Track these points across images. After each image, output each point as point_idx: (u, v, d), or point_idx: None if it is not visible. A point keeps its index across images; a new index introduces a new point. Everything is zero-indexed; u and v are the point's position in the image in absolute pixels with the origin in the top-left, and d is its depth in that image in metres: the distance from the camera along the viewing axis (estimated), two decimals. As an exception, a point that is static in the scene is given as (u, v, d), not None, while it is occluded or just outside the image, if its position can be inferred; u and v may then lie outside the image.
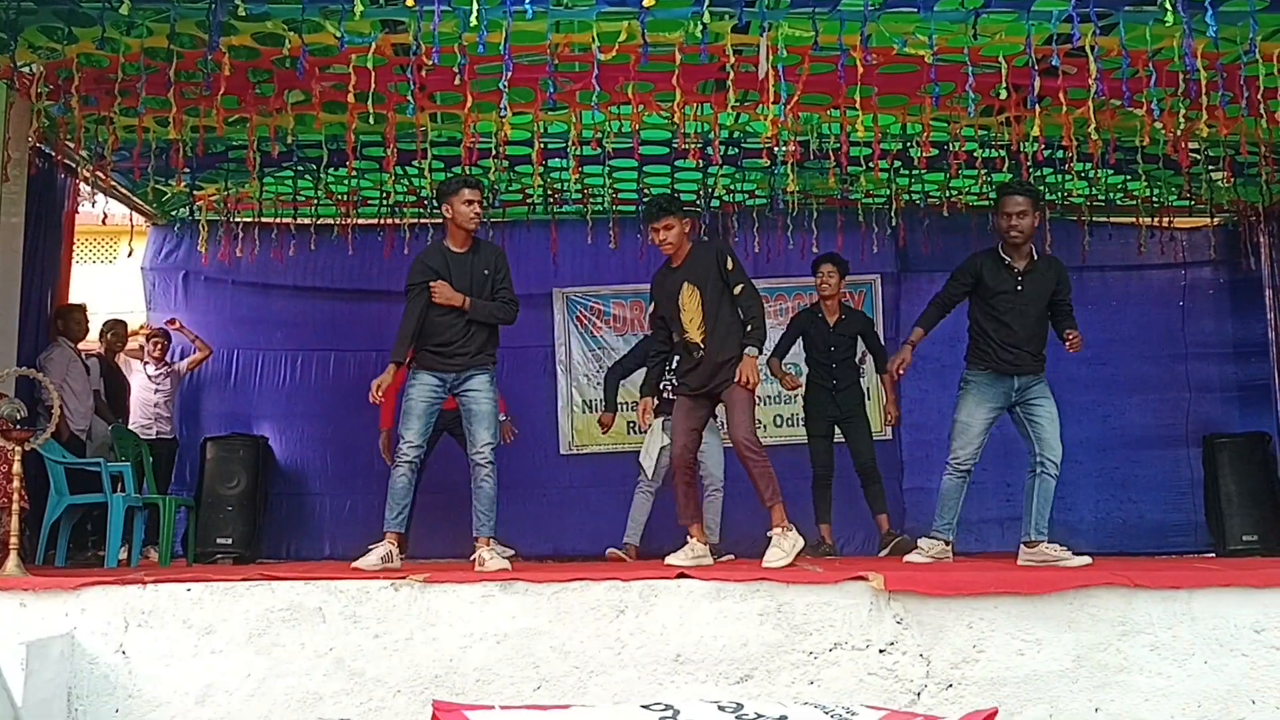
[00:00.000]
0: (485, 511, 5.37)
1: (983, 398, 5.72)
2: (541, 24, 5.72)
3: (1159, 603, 3.94)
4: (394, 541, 5.27)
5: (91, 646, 3.95)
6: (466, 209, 5.49)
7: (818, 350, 7.38)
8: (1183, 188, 8.79)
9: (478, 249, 5.63)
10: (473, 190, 5.54)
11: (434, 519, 7.71)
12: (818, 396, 7.37)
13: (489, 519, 5.37)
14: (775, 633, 3.94)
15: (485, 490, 5.39)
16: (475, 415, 5.43)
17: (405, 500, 5.39)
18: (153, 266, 9.45)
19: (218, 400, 9.30)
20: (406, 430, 5.38)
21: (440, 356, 5.45)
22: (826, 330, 7.36)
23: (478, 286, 5.52)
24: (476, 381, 5.46)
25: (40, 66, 6.34)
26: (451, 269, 5.50)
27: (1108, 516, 9.01)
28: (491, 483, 5.40)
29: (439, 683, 3.91)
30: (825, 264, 7.37)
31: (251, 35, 6.10)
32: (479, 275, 5.53)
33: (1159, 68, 5.99)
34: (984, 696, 3.80)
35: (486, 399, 5.45)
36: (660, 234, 5.47)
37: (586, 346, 9.46)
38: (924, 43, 5.81)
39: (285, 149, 7.29)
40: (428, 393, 5.43)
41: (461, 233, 5.56)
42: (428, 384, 5.43)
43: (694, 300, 5.44)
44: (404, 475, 5.37)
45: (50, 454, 6.40)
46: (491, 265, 5.59)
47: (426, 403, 5.42)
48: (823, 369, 7.35)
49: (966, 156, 7.57)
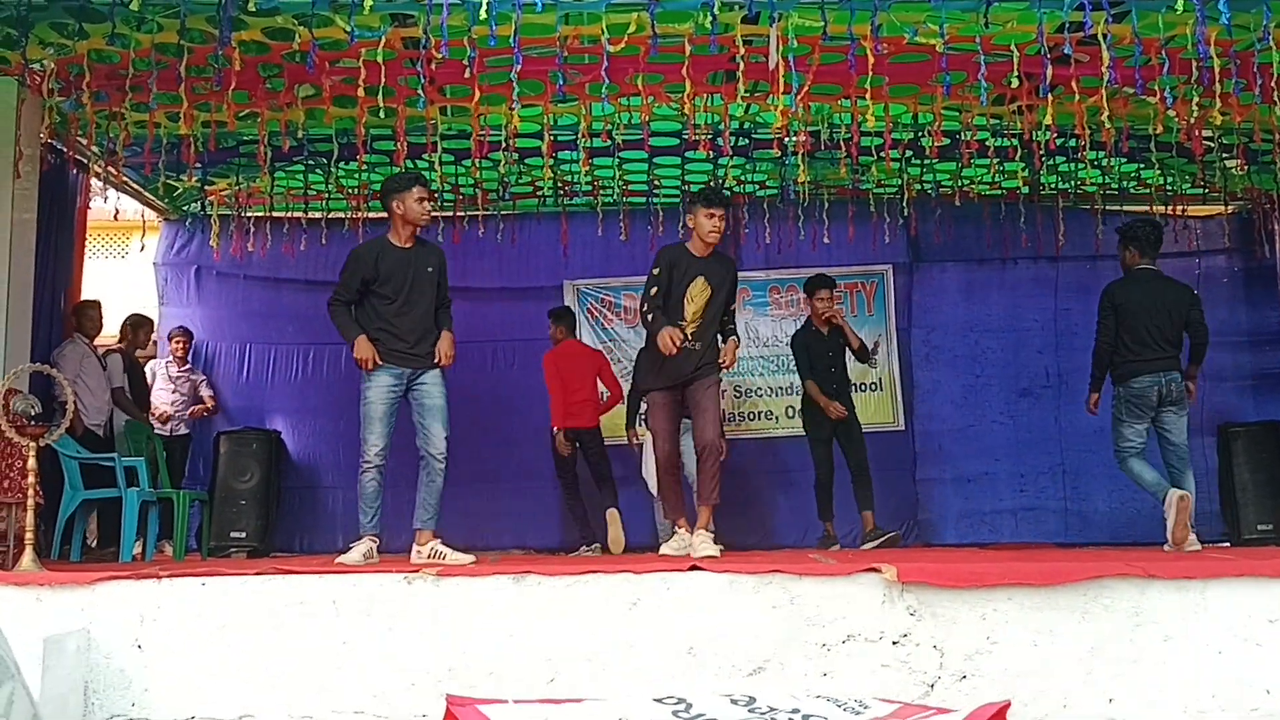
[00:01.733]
0: (434, 504, 5.42)
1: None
2: (551, 16, 5.72)
3: (1173, 593, 3.92)
4: (374, 540, 5.37)
5: (107, 641, 3.96)
6: (419, 206, 5.53)
7: (820, 361, 7.58)
8: (1196, 176, 8.74)
9: (422, 246, 5.66)
10: (423, 188, 5.58)
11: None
12: (817, 404, 7.51)
13: (435, 511, 5.42)
14: (787, 625, 3.93)
15: (437, 485, 5.43)
16: (429, 410, 5.45)
17: (377, 502, 5.43)
18: (165, 261, 9.48)
19: (230, 394, 9.33)
20: (370, 433, 5.40)
21: (398, 353, 5.46)
22: (823, 341, 7.59)
23: (420, 283, 5.53)
24: (430, 376, 5.49)
25: (51, 63, 6.35)
26: (392, 261, 5.51)
27: (1121, 506, 8.96)
28: (443, 479, 5.44)
29: (452, 675, 3.91)
30: (821, 289, 7.62)
31: (262, 30, 6.10)
32: (422, 271, 5.54)
33: (1172, 55, 5.96)
34: (997, 688, 3.79)
35: (440, 393, 5.48)
36: (717, 220, 5.55)
37: (598, 339, 9.45)
38: (935, 32, 5.78)
39: (296, 143, 7.31)
40: (385, 393, 5.43)
41: (408, 229, 5.58)
42: (384, 384, 5.44)
43: (703, 296, 5.57)
44: (373, 479, 5.40)
45: (65, 449, 6.43)
46: (436, 264, 5.62)
47: (386, 404, 5.44)
48: (825, 381, 7.53)
49: (979, 146, 7.55)
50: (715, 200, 5.63)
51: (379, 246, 5.63)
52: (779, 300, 9.36)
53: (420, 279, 5.55)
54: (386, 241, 5.64)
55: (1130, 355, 6.33)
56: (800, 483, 8.24)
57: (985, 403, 9.10)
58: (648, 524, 8.19)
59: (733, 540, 6.88)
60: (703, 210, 5.58)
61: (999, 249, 9.06)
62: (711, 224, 5.55)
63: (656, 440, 5.68)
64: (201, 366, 9.24)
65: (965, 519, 8.98)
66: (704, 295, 5.57)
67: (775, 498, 9.05)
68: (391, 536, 5.92)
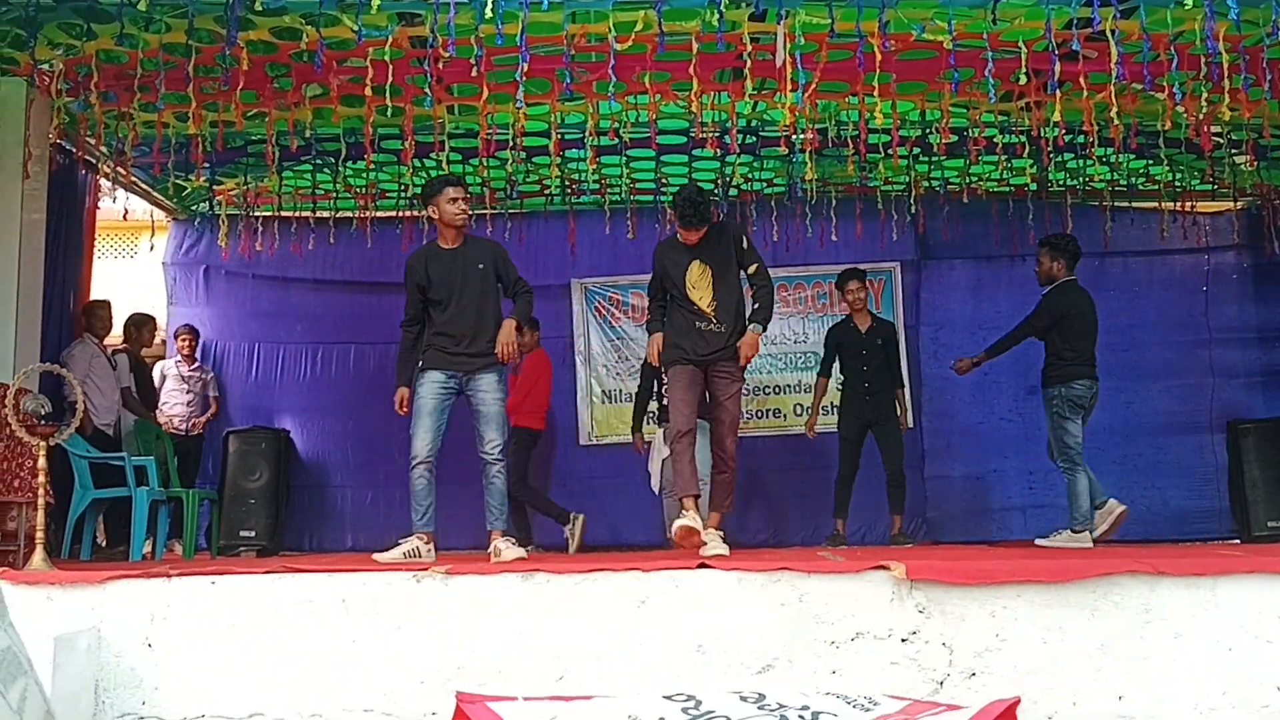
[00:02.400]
0: (498, 506, 5.40)
1: None
2: (558, 15, 5.72)
3: (1183, 590, 3.91)
4: (425, 539, 5.30)
5: (118, 639, 3.98)
6: (452, 207, 5.50)
7: (853, 358, 7.57)
8: (1205, 172, 8.72)
9: (469, 244, 5.63)
10: (456, 188, 5.55)
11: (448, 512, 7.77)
12: (852, 402, 7.55)
13: (502, 513, 5.40)
14: (796, 622, 3.93)
15: (497, 486, 5.41)
16: (483, 416, 5.44)
17: (429, 500, 5.38)
18: (174, 261, 9.50)
19: (239, 394, 9.34)
20: (418, 429, 5.38)
21: (448, 355, 5.46)
22: (859, 338, 7.55)
23: (471, 281, 5.50)
24: (485, 381, 5.45)
25: (60, 63, 6.37)
26: (441, 265, 5.51)
27: (1131, 503, 8.86)
28: (503, 479, 5.43)
29: (461, 673, 3.92)
30: (851, 280, 7.59)
31: (269, 30, 6.11)
32: (471, 270, 5.51)
33: (1180, 51, 5.94)
34: (1007, 685, 3.79)
35: (495, 399, 5.45)
36: (693, 236, 5.54)
37: (606, 337, 9.46)
38: (943, 28, 5.78)
39: (304, 143, 7.33)
40: (437, 389, 5.43)
41: (451, 230, 5.56)
42: (437, 381, 5.44)
43: (705, 278, 5.53)
44: (422, 476, 5.37)
45: (75, 449, 6.45)
46: (489, 260, 5.58)
47: (436, 399, 5.42)
48: (857, 376, 7.53)
49: (986, 142, 7.54)
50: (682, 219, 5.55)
51: (428, 253, 5.63)
52: (787, 298, 9.33)
53: (470, 278, 5.51)
54: (434, 246, 5.64)
55: (1076, 360, 6.64)
56: (809, 481, 8.24)
57: (994, 400, 9.08)
58: (656, 523, 8.17)
59: (741, 538, 6.89)
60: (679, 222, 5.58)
61: (1007, 246, 9.04)
62: (685, 234, 5.56)
63: (674, 409, 5.55)
64: (211, 366, 9.26)
65: (974, 516, 8.96)
66: (705, 276, 5.53)
67: (784, 495, 9.04)
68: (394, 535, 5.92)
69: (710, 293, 5.52)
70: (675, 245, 5.66)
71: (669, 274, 5.61)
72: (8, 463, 5.39)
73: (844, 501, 7.49)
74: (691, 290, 5.53)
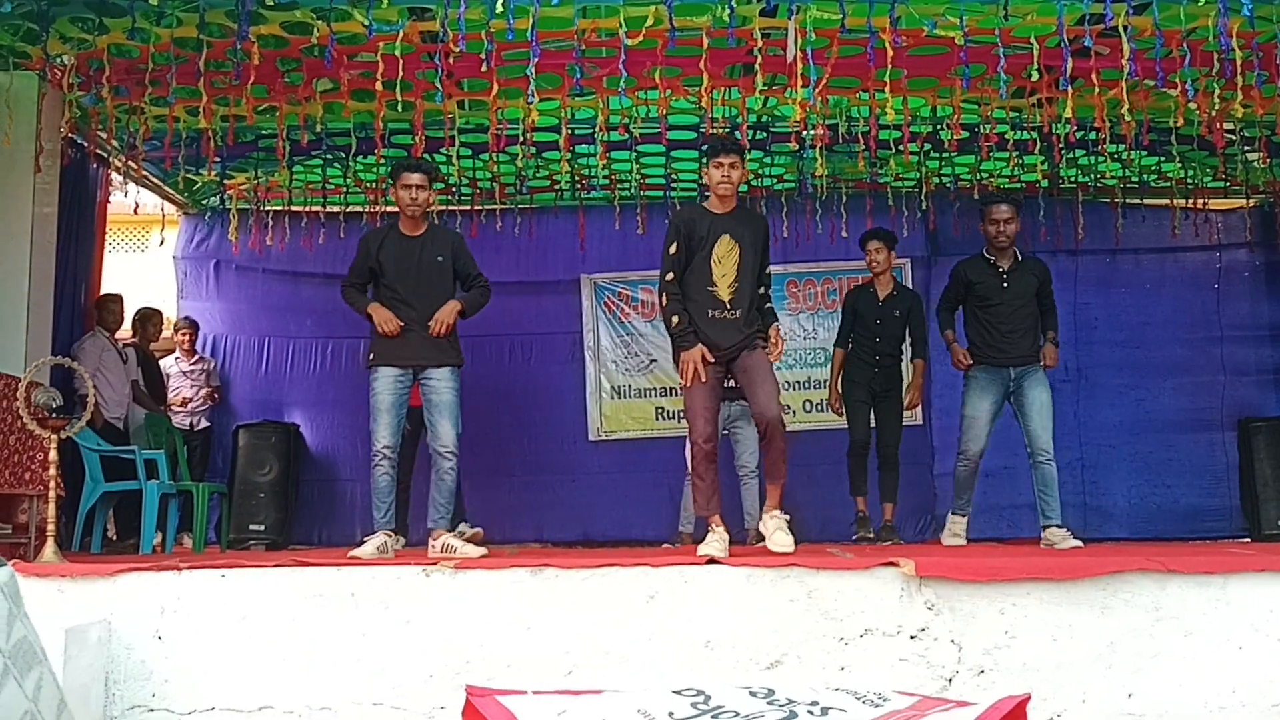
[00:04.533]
0: (445, 504, 5.29)
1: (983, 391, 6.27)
2: (568, 10, 5.72)
3: (1193, 588, 3.90)
4: (391, 535, 5.26)
5: (128, 632, 3.99)
6: (404, 194, 5.39)
7: (864, 324, 7.19)
8: (1218, 169, 8.68)
9: (431, 234, 5.53)
10: (416, 174, 5.40)
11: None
12: (859, 370, 7.19)
13: (447, 511, 5.30)
14: (805, 618, 3.93)
15: (447, 483, 5.29)
16: (436, 406, 5.31)
17: (390, 497, 5.30)
18: (184, 255, 9.53)
19: (249, 388, 9.37)
20: (378, 426, 5.28)
21: (399, 347, 5.33)
22: (875, 304, 7.18)
23: (426, 272, 5.40)
24: (438, 372, 5.34)
25: (71, 57, 6.39)
26: (397, 251, 5.40)
27: (1142, 501, 8.93)
28: (454, 476, 5.30)
29: (470, 668, 3.93)
30: (871, 240, 7.23)
31: (280, 24, 6.12)
32: (428, 261, 5.41)
33: (1193, 47, 5.91)
34: (1016, 682, 3.78)
35: (448, 389, 5.33)
36: (727, 170, 4.95)
37: (615, 333, 9.46)
38: (954, 24, 5.76)
39: (314, 137, 7.32)
40: (391, 384, 5.32)
41: (408, 219, 5.46)
42: (390, 375, 5.32)
43: (732, 256, 4.99)
44: (385, 473, 5.27)
45: (85, 442, 6.47)
46: (448, 252, 5.47)
47: (393, 394, 5.32)
48: (867, 344, 7.17)
49: (998, 139, 7.51)
50: (721, 148, 5.04)
51: (383, 234, 5.53)
52: (797, 294, 9.33)
53: (427, 268, 5.40)
54: (394, 229, 5.53)
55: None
56: (818, 477, 8.21)
57: (1003, 397, 9.05)
58: (665, 519, 8.17)
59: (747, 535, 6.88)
60: (711, 161, 5.02)
61: (1018, 242, 9.00)
62: (720, 174, 4.97)
63: (695, 422, 4.96)
64: (220, 359, 9.28)
65: (984, 513, 8.90)
66: (733, 254, 4.98)
67: (793, 492, 8.97)
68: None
69: (735, 273, 4.97)
70: (704, 212, 5.10)
71: (693, 242, 5.00)
72: (19, 455, 5.41)
73: (861, 477, 7.15)
74: (716, 265, 4.97)
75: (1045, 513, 6.05)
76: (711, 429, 5.00)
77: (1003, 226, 6.23)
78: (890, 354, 7.20)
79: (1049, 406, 6.18)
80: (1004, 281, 6.27)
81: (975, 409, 6.30)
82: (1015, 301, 6.25)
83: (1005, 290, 6.26)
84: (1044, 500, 6.07)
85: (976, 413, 6.30)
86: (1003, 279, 6.28)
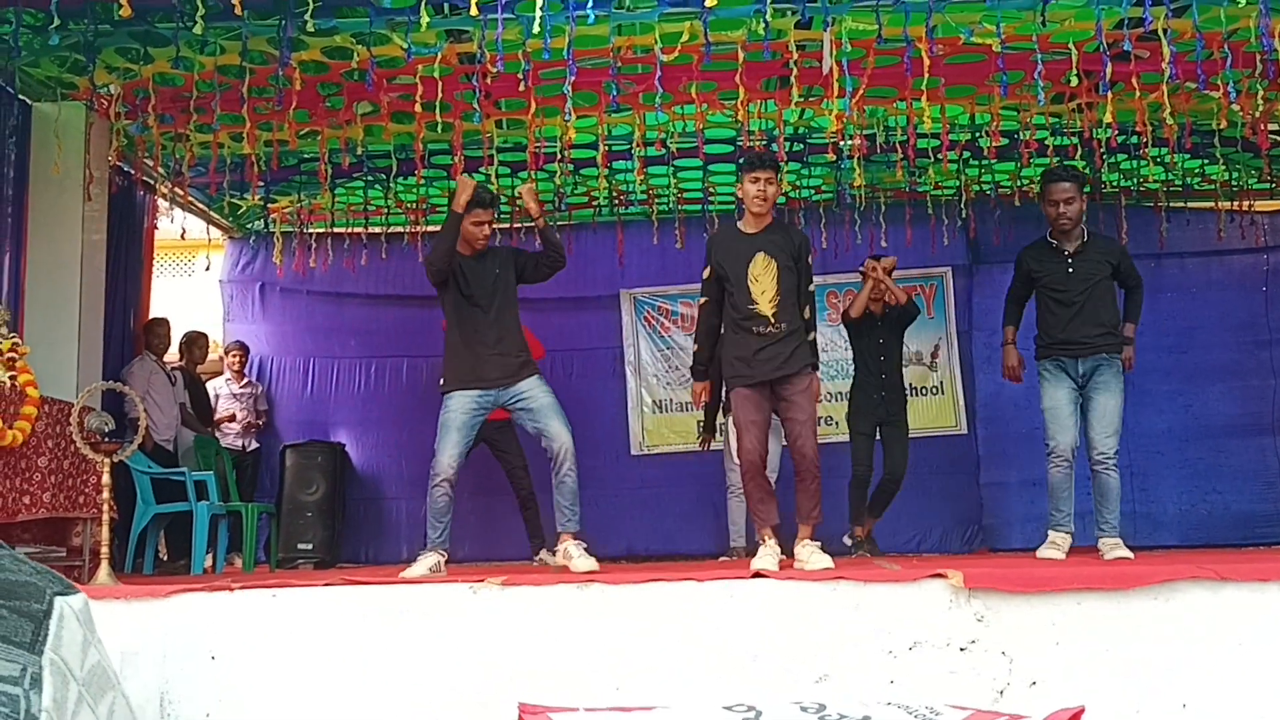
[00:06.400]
0: (570, 506, 5.21)
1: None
2: (604, 27, 5.75)
3: (1247, 595, 3.84)
4: (444, 555, 5.21)
5: (182, 653, 4.04)
6: (475, 230, 5.38)
7: (868, 349, 7.10)
8: (1263, 170, 8.57)
9: (490, 253, 5.51)
10: (484, 210, 5.40)
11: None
12: (867, 397, 7.08)
13: (575, 513, 5.21)
14: (853, 631, 3.91)
15: (568, 485, 5.22)
16: (539, 412, 5.23)
17: (447, 517, 5.23)
18: (230, 279, 9.66)
19: (295, 408, 9.47)
20: (443, 445, 5.20)
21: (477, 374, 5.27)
22: (873, 327, 7.06)
23: (491, 287, 5.38)
24: (525, 383, 5.27)
25: (118, 87, 6.52)
26: (467, 273, 5.38)
27: (1192, 508, 8.81)
28: (574, 476, 5.23)
29: (519, 684, 3.94)
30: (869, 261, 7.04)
31: (321, 50, 6.20)
32: (491, 275, 5.40)
33: (1235, 49, 5.85)
34: (1069, 693, 3.74)
35: (543, 391, 5.26)
36: (762, 185, 4.94)
37: (655, 347, 9.48)
38: (991, 31, 5.74)
39: (355, 160, 7.43)
40: (469, 405, 5.24)
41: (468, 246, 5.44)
42: (469, 397, 5.25)
43: (769, 273, 4.97)
44: (444, 493, 5.20)
45: (137, 465, 6.57)
46: (504, 259, 5.49)
47: (467, 415, 5.24)
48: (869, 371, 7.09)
49: (1038, 145, 7.46)
50: (755, 163, 5.02)
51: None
52: (836, 305, 9.30)
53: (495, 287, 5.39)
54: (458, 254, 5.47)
55: None
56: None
57: (1048, 404, 8.97)
58: (710, 532, 8.15)
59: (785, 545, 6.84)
60: (746, 176, 5.00)
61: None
62: (756, 189, 4.95)
63: (743, 435, 4.97)
64: (266, 382, 9.39)
65: (1031, 523, 8.83)
66: (770, 271, 4.95)
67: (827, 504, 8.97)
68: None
69: (775, 288, 4.95)
70: (735, 234, 5.13)
71: (727, 266, 5.04)
72: (73, 479, 5.49)
73: (860, 507, 7.00)
74: (753, 284, 4.97)
75: (1099, 522, 5.66)
76: (758, 443, 4.98)
77: (1063, 207, 5.62)
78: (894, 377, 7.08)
79: (1115, 412, 5.66)
80: (1069, 265, 5.70)
81: (1052, 399, 5.69)
82: (1080, 286, 5.64)
83: (1071, 275, 5.69)
84: (1098, 509, 5.67)
85: (1054, 402, 5.68)
86: (1067, 263, 5.68)
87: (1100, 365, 5.64)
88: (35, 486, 5.16)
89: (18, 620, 2.85)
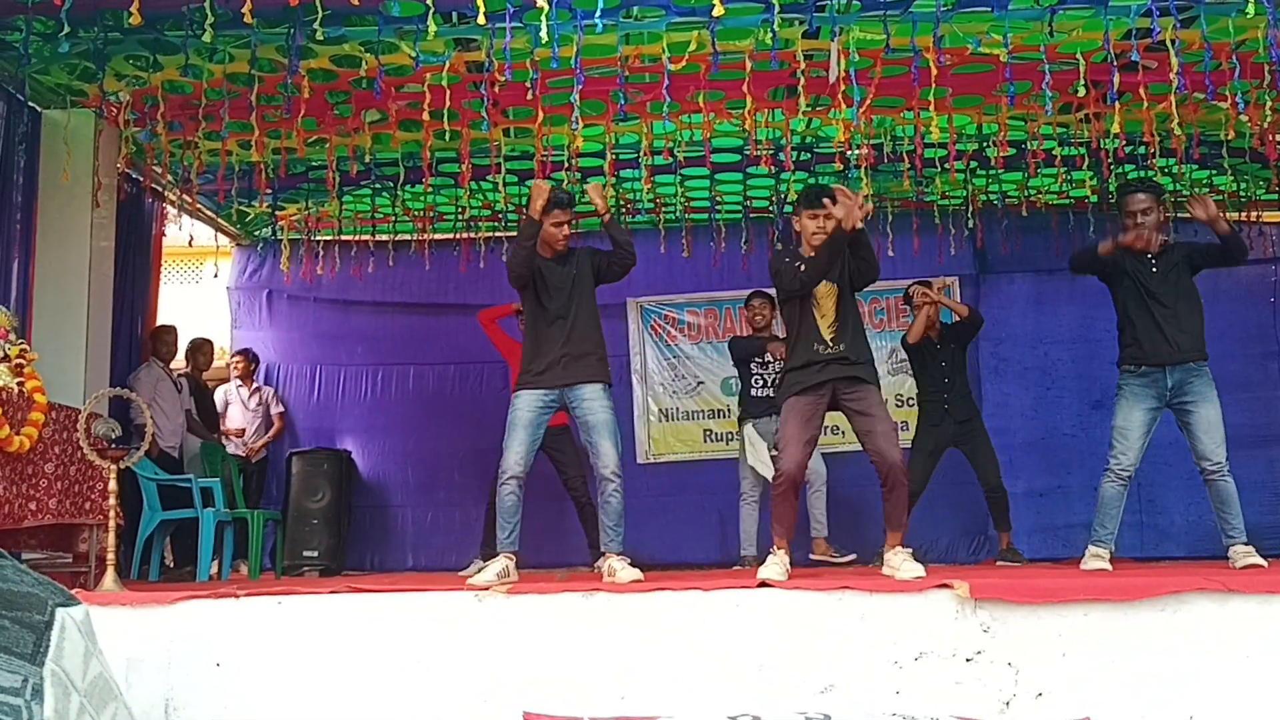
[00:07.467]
0: (614, 526, 5.23)
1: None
2: (612, 37, 5.76)
3: (1256, 607, 3.83)
4: (513, 558, 5.13)
5: (187, 659, 4.04)
6: (555, 231, 5.37)
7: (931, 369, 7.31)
8: (1271, 181, 8.56)
9: (571, 255, 5.49)
10: (562, 211, 5.38)
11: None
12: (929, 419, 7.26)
13: (618, 534, 5.23)
14: (858, 641, 3.90)
15: (614, 505, 5.23)
16: (594, 427, 5.21)
17: (516, 517, 5.17)
18: (238, 286, 9.68)
19: (301, 415, 9.48)
20: (510, 443, 5.16)
21: (543, 375, 5.25)
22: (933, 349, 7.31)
23: (570, 289, 5.37)
24: (589, 389, 5.24)
25: (127, 94, 6.54)
26: (546, 275, 5.37)
27: (1200, 519, 8.75)
28: (619, 497, 5.23)
29: (524, 693, 3.93)
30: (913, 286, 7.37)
31: (329, 58, 6.23)
32: (569, 278, 5.39)
33: (1243, 59, 5.85)
34: (1075, 705, 3.73)
35: (603, 407, 5.22)
36: (822, 221, 5.04)
37: (662, 355, 9.47)
38: (999, 42, 5.74)
39: (363, 168, 7.43)
40: (535, 403, 5.22)
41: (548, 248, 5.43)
42: (534, 395, 5.24)
43: (830, 298, 5.10)
44: (512, 492, 5.15)
45: (143, 471, 6.57)
46: (582, 260, 5.47)
47: (533, 413, 5.21)
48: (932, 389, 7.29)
49: (1045, 155, 7.45)
50: (815, 202, 5.09)
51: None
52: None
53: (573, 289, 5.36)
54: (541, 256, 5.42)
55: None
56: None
57: (1056, 415, 8.97)
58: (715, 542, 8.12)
59: (797, 555, 6.82)
60: (806, 213, 5.11)
61: (1068, 259, 8.93)
62: (815, 225, 5.06)
63: (787, 448, 4.98)
64: (274, 388, 9.40)
65: (1038, 533, 8.83)
66: (831, 297, 5.08)
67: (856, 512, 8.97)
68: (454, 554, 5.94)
69: (834, 313, 5.09)
70: (798, 257, 5.15)
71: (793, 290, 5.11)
72: (79, 485, 5.49)
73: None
74: (815, 308, 5.09)
75: (1225, 530, 5.57)
76: (801, 457, 4.98)
77: (1140, 218, 5.52)
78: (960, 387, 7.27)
79: (1217, 421, 5.58)
80: (1153, 267, 5.59)
81: (1126, 419, 5.61)
82: (1165, 289, 5.55)
83: (1155, 275, 5.58)
84: (1221, 517, 5.62)
85: (1128, 423, 5.60)
86: (1151, 265, 5.58)
87: (1191, 375, 5.53)
88: (41, 492, 5.17)
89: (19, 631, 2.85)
